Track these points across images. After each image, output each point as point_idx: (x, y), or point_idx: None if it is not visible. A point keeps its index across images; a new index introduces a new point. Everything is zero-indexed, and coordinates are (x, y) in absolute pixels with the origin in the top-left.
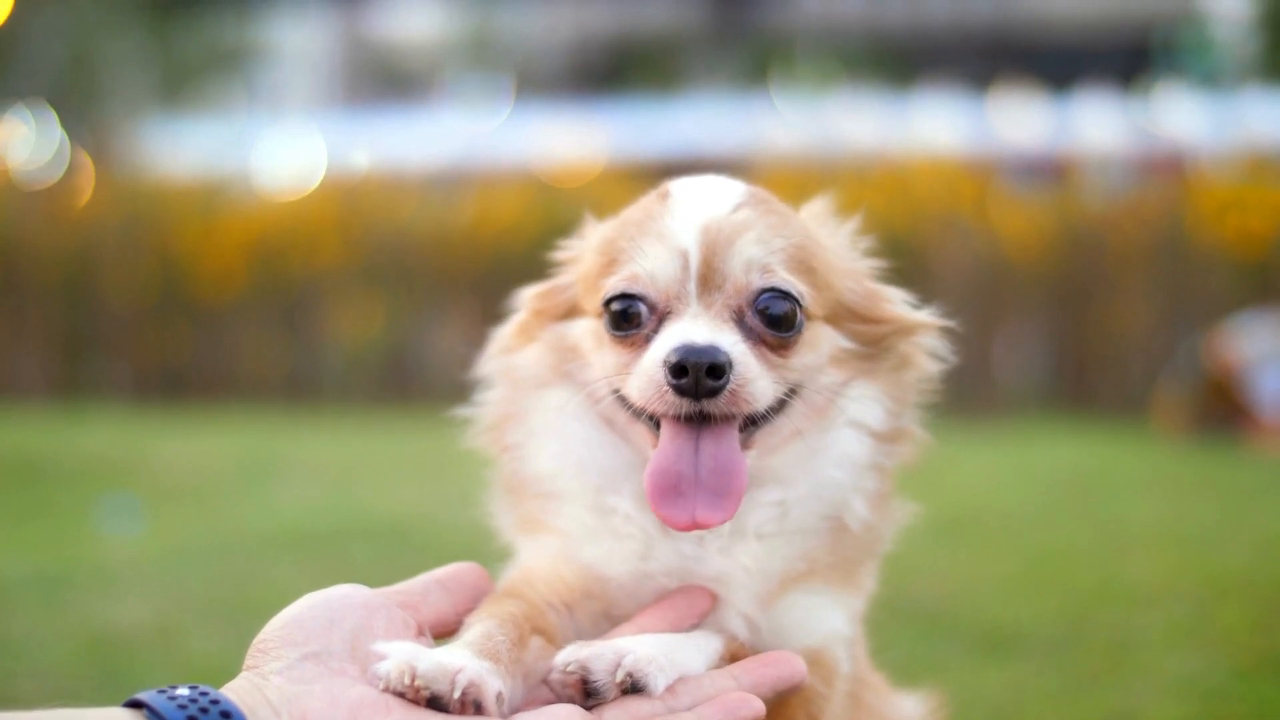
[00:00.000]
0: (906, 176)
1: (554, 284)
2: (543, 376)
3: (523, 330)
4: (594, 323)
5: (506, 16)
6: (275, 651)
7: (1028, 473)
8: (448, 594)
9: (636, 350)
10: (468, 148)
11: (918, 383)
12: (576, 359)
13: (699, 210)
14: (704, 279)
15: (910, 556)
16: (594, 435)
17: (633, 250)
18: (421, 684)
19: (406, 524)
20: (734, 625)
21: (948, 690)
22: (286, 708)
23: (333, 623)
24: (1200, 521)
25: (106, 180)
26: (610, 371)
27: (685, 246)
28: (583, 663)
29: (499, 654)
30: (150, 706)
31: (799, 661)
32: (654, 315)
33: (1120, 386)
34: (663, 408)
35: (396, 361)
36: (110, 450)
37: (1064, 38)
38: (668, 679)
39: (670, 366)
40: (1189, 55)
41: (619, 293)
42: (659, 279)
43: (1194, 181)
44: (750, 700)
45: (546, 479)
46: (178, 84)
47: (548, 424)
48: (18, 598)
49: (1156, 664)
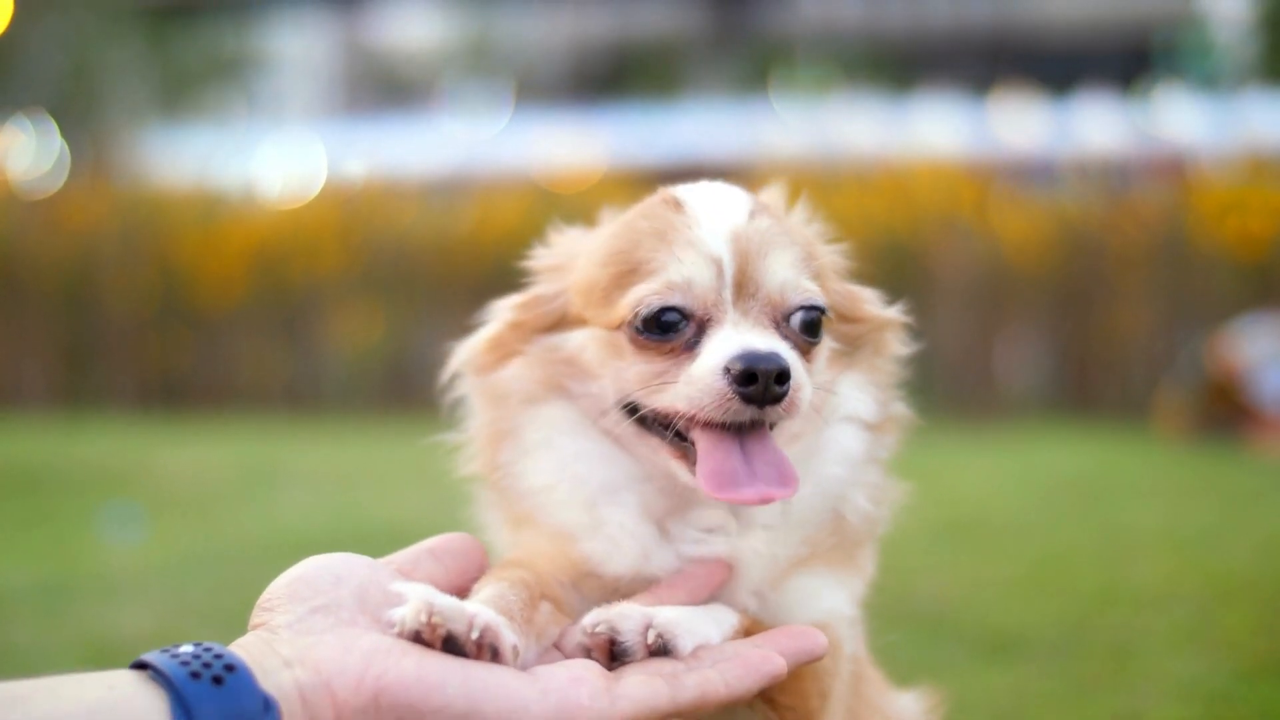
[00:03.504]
0: (907, 180)
1: (535, 294)
2: (533, 392)
3: (497, 344)
4: (605, 333)
5: (506, 23)
6: (283, 607)
7: (1029, 476)
8: (439, 563)
9: (673, 359)
10: (468, 154)
11: (893, 366)
12: (574, 371)
13: (723, 218)
14: (739, 287)
15: (912, 559)
16: (592, 449)
17: (660, 258)
18: (439, 621)
19: (407, 531)
20: (745, 601)
21: (950, 693)
22: (298, 658)
23: (339, 579)
24: (1202, 524)
25: (107, 189)
26: (636, 382)
27: (719, 254)
28: (612, 623)
29: (512, 612)
30: (154, 666)
31: (819, 635)
32: (691, 323)
33: (1122, 389)
34: (722, 415)
35: (397, 369)
36: (111, 459)
37: (1064, 40)
38: (694, 642)
39: (738, 374)
40: (1189, 57)
41: (658, 301)
42: (695, 287)
43: (1194, 184)
44: (772, 657)
45: (541, 495)
46: (178, 93)
47: (541, 440)
48: (19, 606)
49: (1159, 667)
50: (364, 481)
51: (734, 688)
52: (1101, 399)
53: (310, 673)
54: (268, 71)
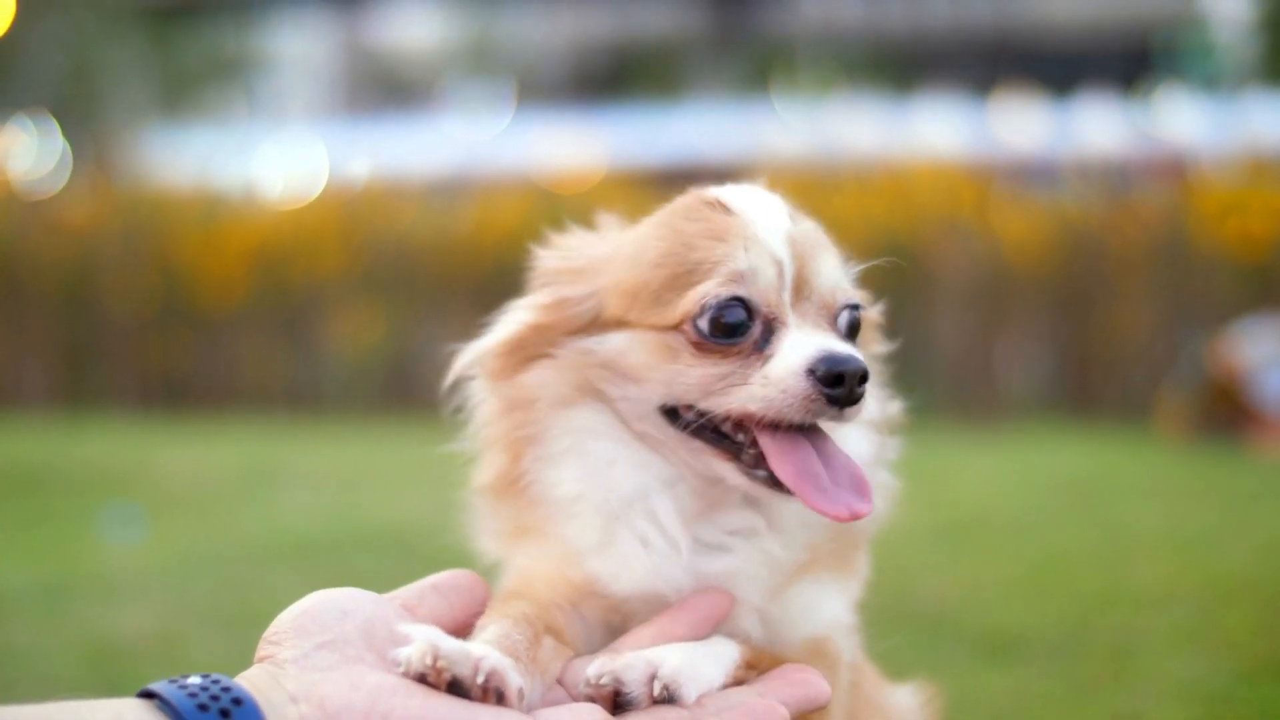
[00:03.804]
0: (907, 181)
1: (561, 296)
2: (564, 396)
3: (517, 347)
4: (654, 335)
5: (507, 23)
6: (289, 642)
7: (1030, 477)
8: (444, 599)
9: (739, 360)
10: (469, 155)
11: (879, 362)
12: (611, 375)
13: (773, 219)
14: (796, 287)
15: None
16: (625, 453)
17: (721, 256)
18: (444, 665)
19: (408, 532)
20: (747, 623)
21: (949, 694)
22: (304, 694)
23: (345, 614)
24: (1203, 525)
25: (108, 190)
26: (698, 384)
27: (779, 255)
28: (616, 674)
29: (518, 652)
30: (161, 696)
31: (823, 683)
32: (757, 323)
33: (1122, 390)
34: (802, 416)
35: (398, 369)
36: (112, 459)
37: (1064, 41)
38: (699, 690)
39: (825, 376)
40: (1190, 58)
41: (725, 293)
42: (761, 283)
43: (1195, 185)
44: (775, 708)
45: (565, 504)
46: (179, 93)
47: (571, 446)
48: (19, 607)
49: (1159, 668)
50: (364, 482)
51: None
52: (1102, 400)
53: (316, 709)
54: (269, 72)
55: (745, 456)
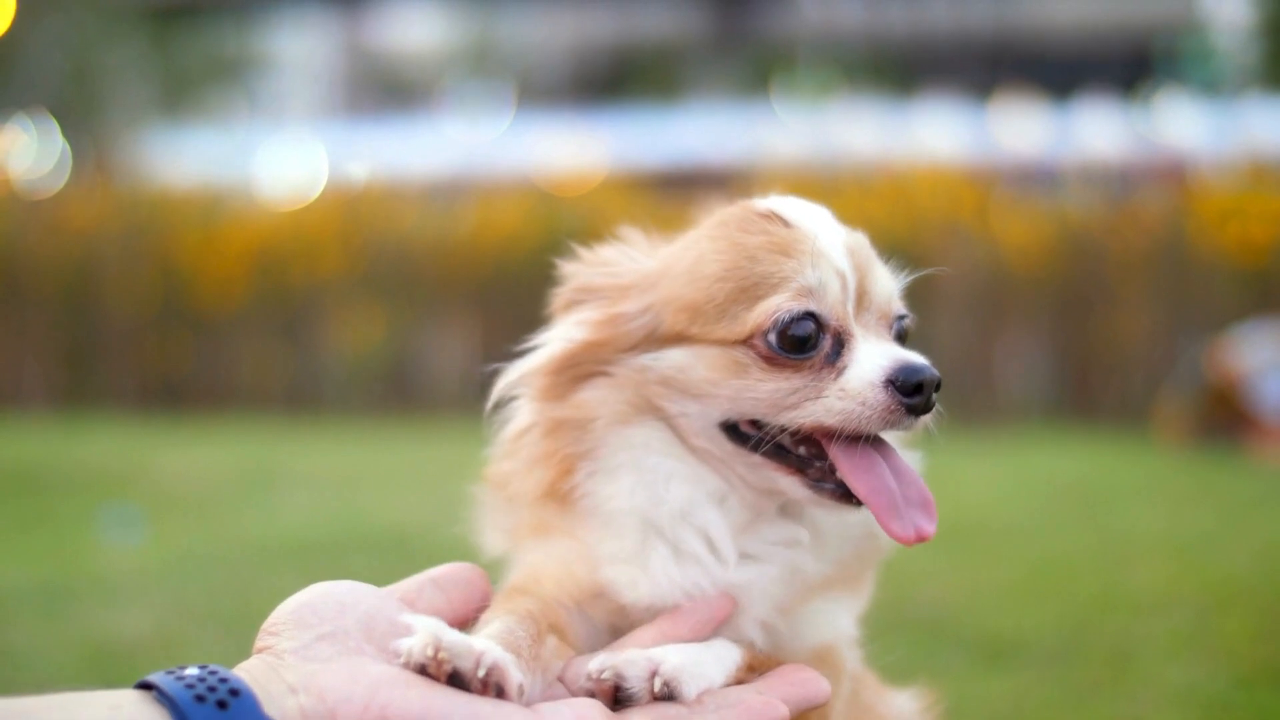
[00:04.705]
0: (908, 184)
1: (615, 312)
2: (623, 413)
3: (569, 364)
4: (719, 349)
5: (507, 26)
6: (288, 633)
7: (1029, 481)
8: (443, 593)
9: (811, 373)
10: (469, 157)
11: None
12: (670, 391)
13: (831, 231)
14: (858, 300)
15: (912, 565)
16: (681, 469)
17: (787, 270)
18: (446, 656)
19: (407, 534)
20: (751, 632)
21: (948, 699)
22: (303, 685)
23: (344, 606)
24: (1201, 530)
25: (108, 190)
26: (768, 398)
27: (843, 268)
28: (618, 669)
29: (520, 649)
30: (159, 688)
31: (823, 682)
32: (827, 336)
33: (1121, 395)
34: (880, 427)
35: (397, 371)
36: (111, 460)
37: (1065, 45)
38: (699, 688)
39: (905, 385)
40: (1190, 63)
41: (798, 307)
42: (830, 296)
43: (1195, 189)
44: (775, 705)
45: (620, 515)
46: (179, 94)
47: (627, 461)
48: (19, 607)
49: (1157, 673)
50: (364, 483)
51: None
52: (1101, 404)
53: (315, 700)
54: (269, 73)
55: (811, 470)
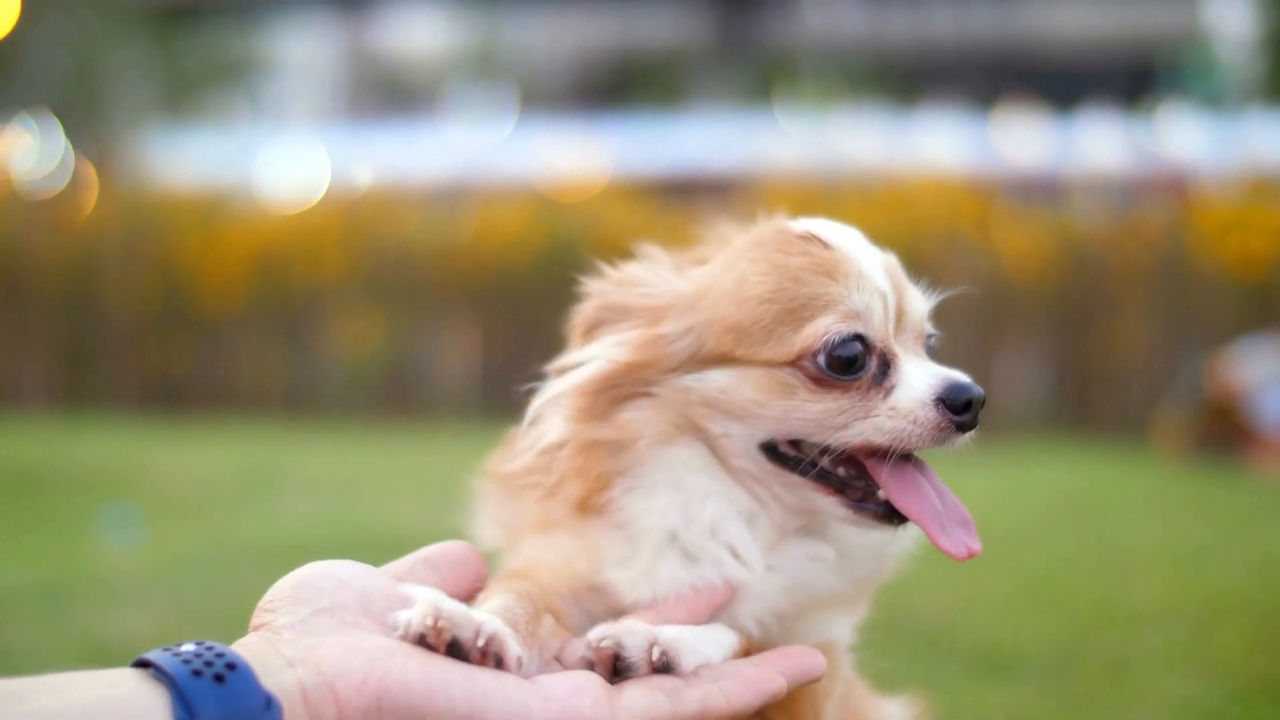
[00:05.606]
0: (909, 194)
1: (657, 333)
2: (666, 434)
3: (609, 385)
4: (765, 371)
5: (510, 31)
6: (285, 609)
7: (1027, 493)
8: (436, 572)
9: (859, 394)
10: (471, 162)
11: None
12: (713, 412)
13: (870, 253)
14: (897, 319)
15: (908, 575)
16: (718, 488)
17: (833, 293)
18: (445, 625)
19: (406, 537)
20: (747, 625)
21: (943, 710)
22: (301, 658)
23: (342, 582)
24: (1199, 543)
25: (109, 191)
26: (816, 419)
27: (884, 289)
28: (617, 638)
29: (519, 625)
30: (156, 664)
31: (819, 656)
32: (873, 356)
33: (1121, 407)
34: (931, 444)
35: (397, 375)
36: (111, 461)
37: (1067, 57)
38: (696, 660)
39: (954, 403)
40: (1192, 76)
41: (847, 329)
42: (875, 318)
43: (1196, 202)
44: (773, 676)
45: (654, 530)
46: (181, 95)
47: (665, 479)
48: (17, 608)
49: (1155, 685)
50: (363, 487)
51: (734, 703)
52: (1100, 417)
53: (313, 672)
54: (272, 75)
55: (852, 490)
